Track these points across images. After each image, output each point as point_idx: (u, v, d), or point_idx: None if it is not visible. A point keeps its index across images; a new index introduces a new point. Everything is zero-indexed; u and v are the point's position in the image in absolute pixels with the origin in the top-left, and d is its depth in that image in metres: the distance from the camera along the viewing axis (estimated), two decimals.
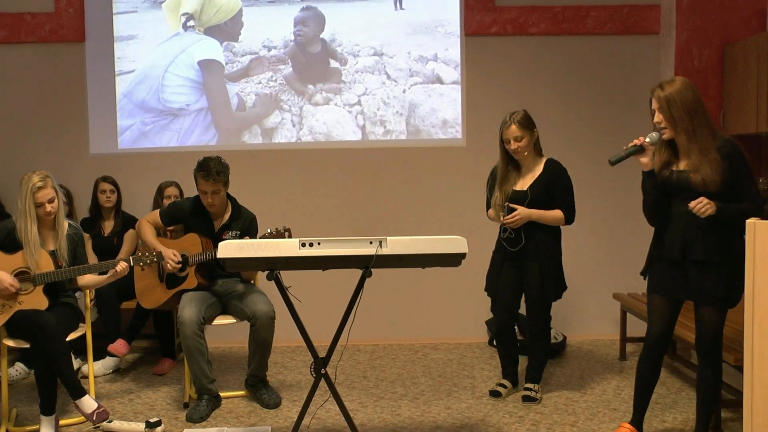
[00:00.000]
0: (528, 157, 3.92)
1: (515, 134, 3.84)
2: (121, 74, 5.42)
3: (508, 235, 3.93)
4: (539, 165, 3.96)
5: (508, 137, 3.86)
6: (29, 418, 3.84)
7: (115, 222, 5.00)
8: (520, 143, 3.85)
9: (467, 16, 5.33)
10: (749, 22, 5.04)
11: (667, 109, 3.09)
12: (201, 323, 3.86)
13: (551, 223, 3.92)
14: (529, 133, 3.88)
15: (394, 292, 5.35)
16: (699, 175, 3.04)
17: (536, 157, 3.96)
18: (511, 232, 3.92)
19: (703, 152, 3.06)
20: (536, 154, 3.96)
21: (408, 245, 3.00)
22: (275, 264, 3.04)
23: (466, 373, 4.60)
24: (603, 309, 5.36)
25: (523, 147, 3.86)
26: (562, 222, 3.93)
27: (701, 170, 3.04)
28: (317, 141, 5.41)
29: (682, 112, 3.07)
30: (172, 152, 5.37)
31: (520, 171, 3.96)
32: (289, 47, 5.39)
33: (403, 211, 5.40)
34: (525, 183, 3.93)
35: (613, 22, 5.31)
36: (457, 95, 5.39)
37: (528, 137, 3.87)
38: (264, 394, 4.06)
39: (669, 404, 3.95)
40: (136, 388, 4.35)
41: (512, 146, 3.86)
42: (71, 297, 3.88)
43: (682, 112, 3.07)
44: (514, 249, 3.93)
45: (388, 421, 3.79)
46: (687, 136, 3.09)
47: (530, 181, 3.92)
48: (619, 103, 5.36)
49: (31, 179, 3.57)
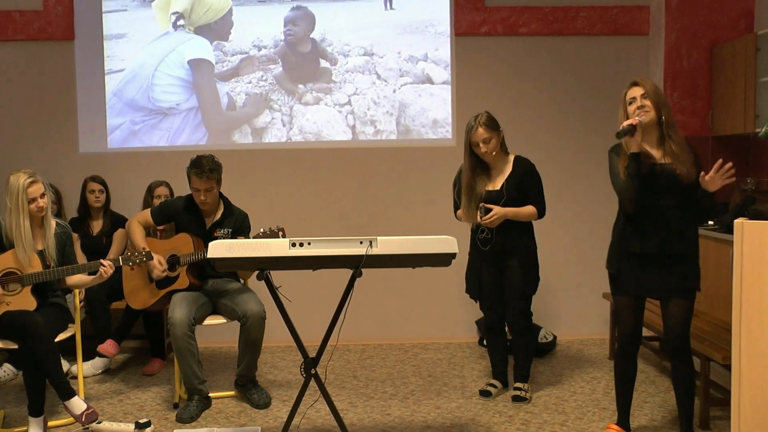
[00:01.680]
0: (496, 157, 3.95)
1: (483, 137, 3.87)
2: (111, 73, 5.39)
3: (485, 235, 3.96)
4: (508, 164, 3.99)
5: (476, 140, 3.89)
6: (17, 419, 3.81)
7: (104, 222, 4.98)
8: (488, 145, 3.89)
9: (457, 16, 5.34)
10: (737, 23, 5.08)
11: (654, 96, 3.21)
12: (192, 324, 3.85)
13: (525, 219, 3.96)
14: (496, 134, 3.92)
15: (384, 292, 5.35)
16: (684, 166, 3.15)
17: (504, 156, 4.00)
18: (488, 232, 3.94)
19: (681, 146, 3.21)
20: (503, 152, 4.00)
21: (398, 245, 3.01)
22: (265, 264, 3.03)
23: (456, 372, 4.61)
24: (592, 309, 5.38)
25: (491, 148, 3.90)
26: (535, 217, 3.97)
27: (684, 162, 3.17)
28: (307, 141, 5.41)
29: (664, 102, 3.23)
30: (161, 152, 5.35)
31: (489, 172, 3.98)
32: (279, 47, 5.39)
33: (393, 211, 5.41)
34: (497, 183, 3.96)
35: (602, 22, 5.33)
36: (447, 95, 5.40)
37: (495, 138, 3.91)
38: (254, 394, 4.05)
39: (658, 402, 3.97)
40: (125, 389, 4.34)
41: (482, 149, 3.89)
42: (60, 297, 3.85)
43: (664, 102, 3.23)
44: (486, 248, 3.96)
45: (378, 421, 3.79)
46: (666, 127, 3.22)
47: (502, 180, 3.95)
48: (609, 103, 5.35)
49: (21, 176, 3.55)
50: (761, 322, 2.65)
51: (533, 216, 3.96)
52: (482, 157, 3.93)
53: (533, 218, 3.97)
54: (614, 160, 3.33)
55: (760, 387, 2.66)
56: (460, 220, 4.11)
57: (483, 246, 3.99)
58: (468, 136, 3.93)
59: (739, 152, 5.04)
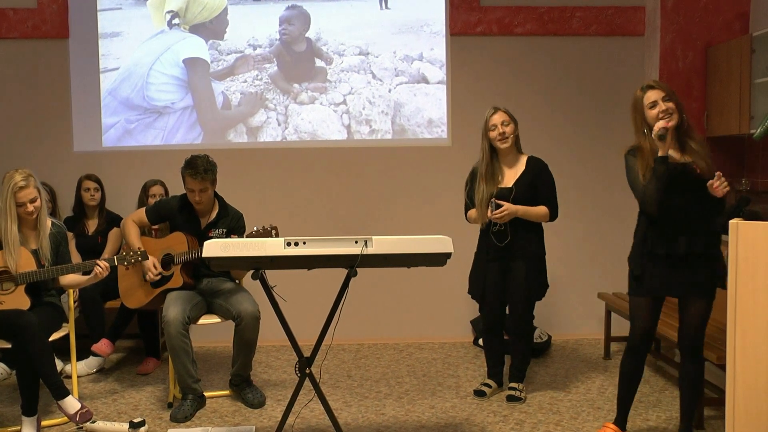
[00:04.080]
0: (510, 152, 3.95)
1: (502, 119, 3.90)
2: (106, 71, 5.37)
3: (499, 228, 3.92)
4: (521, 162, 3.99)
5: (495, 123, 3.90)
6: (10, 419, 3.80)
7: (99, 221, 4.96)
8: (507, 128, 3.89)
9: (452, 16, 5.34)
10: (732, 24, 5.09)
11: (675, 97, 3.20)
12: (186, 323, 3.84)
13: (536, 219, 3.94)
14: (514, 124, 3.95)
15: (379, 292, 5.35)
16: (704, 162, 3.15)
17: (517, 154, 4.00)
18: (500, 226, 3.92)
19: (700, 142, 3.22)
20: (517, 150, 4.00)
21: (393, 245, 3.00)
22: (260, 263, 3.03)
23: (450, 372, 4.61)
24: (587, 308, 5.39)
25: (509, 131, 3.90)
26: (547, 218, 3.95)
27: (704, 158, 3.17)
28: (303, 140, 5.40)
29: (681, 103, 3.22)
30: (156, 150, 5.33)
31: (502, 170, 3.98)
32: (274, 46, 5.38)
33: (388, 211, 5.40)
34: (509, 180, 3.95)
35: (598, 23, 5.34)
36: (442, 95, 5.40)
37: (513, 125, 3.94)
38: (248, 393, 4.05)
39: (653, 402, 3.98)
40: (119, 388, 4.33)
41: (499, 130, 3.88)
42: (54, 297, 3.84)
43: (681, 103, 3.22)
44: (502, 244, 3.94)
45: (372, 421, 3.79)
46: (682, 128, 3.20)
47: (514, 177, 3.94)
48: (604, 103, 5.39)
49: (14, 178, 3.52)
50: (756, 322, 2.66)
51: (545, 217, 3.94)
52: (497, 143, 3.91)
53: (544, 219, 3.95)
54: (632, 162, 3.27)
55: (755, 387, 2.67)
56: (470, 221, 4.08)
57: (498, 242, 3.94)
58: (486, 123, 3.93)
59: (734, 153, 5.05)
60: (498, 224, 3.91)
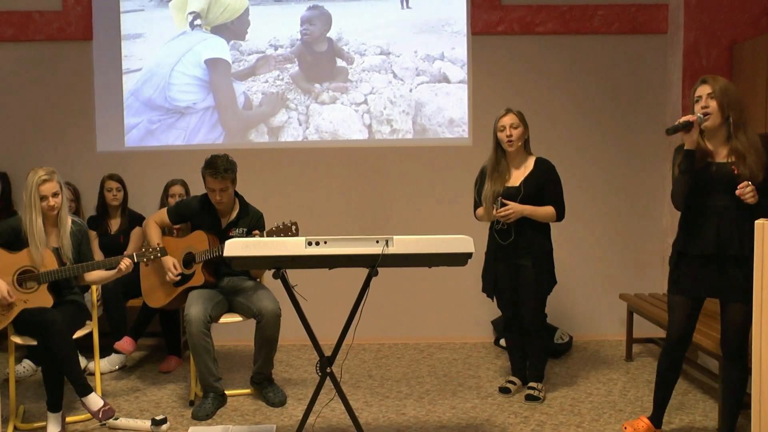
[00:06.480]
0: (518, 153, 3.94)
1: (512, 121, 3.89)
2: (128, 72, 5.43)
3: (502, 226, 3.93)
4: (529, 162, 3.98)
5: (504, 124, 3.90)
6: (36, 414, 3.85)
7: (122, 220, 5.01)
8: (515, 130, 3.88)
9: (474, 15, 5.32)
10: (758, 21, 5.01)
11: (721, 96, 3.10)
12: (207, 321, 3.86)
13: (543, 219, 3.93)
14: (523, 127, 3.93)
15: (400, 292, 5.34)
16: (746, 167, 3.05)
17: (526, 155, 4.00)
18: (504, 224, 3.92)
19: (753, 145, 3.09)
20: (526, 152, 4.00)
21: (414, 244, 2.99)
22: (281, 262, 3.03)
23: (471, 372, 4.60)
24: (609, 309, 5.35)
25: (517, 134, 3.89)
26: (554, 218, 3.94)
27: (748, 162, 3.06)
28: (323, 140, 5.41)
29: (734, 102, 3.11)
30: (178, 150, 5.38)
31: (510, 170, 3.97)
32: (295, 46, 5.39)
33: (409, 211, 5.40)
34: (516, 179, 3.94)
35: (620, 21, 5.29)
36: (463, 94, 5.38)
37: (522, 128, 3.92)
38: (269, 392, 4.06)
39: (676, 405, 3.93)
40: (142, 386, 4.36)
41: (507, 132, 3.88)
42: (78, 294, 3.88)
43: (734, 102, 3.11)
44: (505, 242, 3.94)
45: (393, 420, 3.78)
46: (733, 128, 3.11)
47: (521, 177, 3.94)
48: (626, 102, 5.34)
49: (38, 173, 3.60)
50: None
51: (551, 217, 3.93)
52: (505, 144, 3.91)
53: (551, 219, 3.95)
54: (675, 156, 3.25)
55: None
56: (479, 219, 4.09)
57: (502, 240, 3.95)
58: (496, 123, 3.93)
59: None
60: (502, 223, 3.91)
